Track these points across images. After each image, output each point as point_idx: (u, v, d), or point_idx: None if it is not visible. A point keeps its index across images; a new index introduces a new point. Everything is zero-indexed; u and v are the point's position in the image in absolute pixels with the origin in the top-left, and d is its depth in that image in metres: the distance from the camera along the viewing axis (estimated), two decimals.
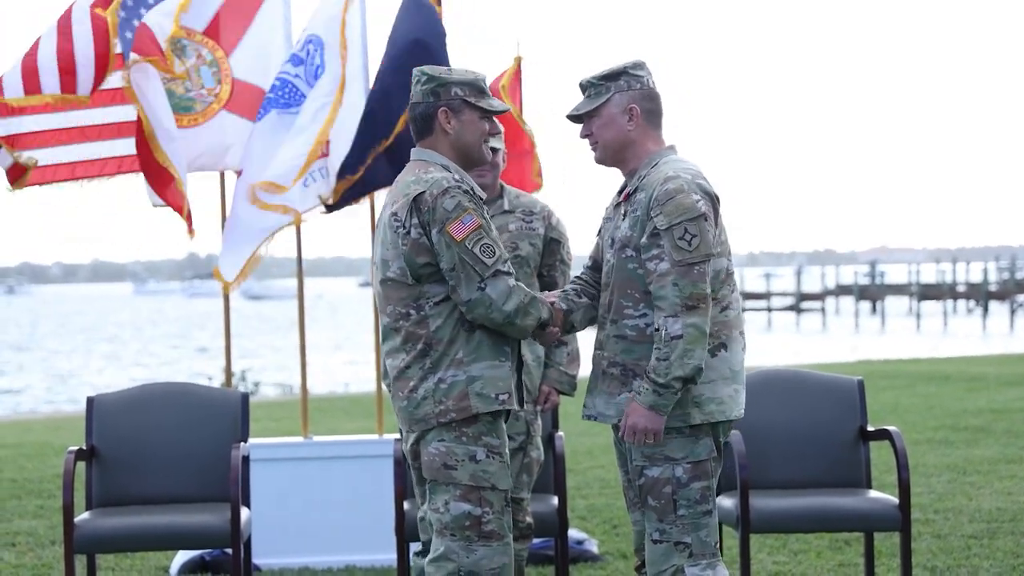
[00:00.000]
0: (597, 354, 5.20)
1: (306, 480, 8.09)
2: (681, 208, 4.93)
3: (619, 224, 5.14)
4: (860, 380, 6.94)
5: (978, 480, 10.38)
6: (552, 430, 6.96)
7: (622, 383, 5.09)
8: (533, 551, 7.70)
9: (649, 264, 4.97)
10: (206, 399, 6.96)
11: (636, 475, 5.11)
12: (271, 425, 14.95)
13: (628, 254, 5.06)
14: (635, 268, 5.05)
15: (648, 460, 5.05)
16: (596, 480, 10.90)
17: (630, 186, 5.14)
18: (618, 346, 5.10)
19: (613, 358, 5.11)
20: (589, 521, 9.18)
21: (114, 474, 6.73)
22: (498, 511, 5.08)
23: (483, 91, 5.20)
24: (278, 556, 8.04)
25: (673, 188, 4.96)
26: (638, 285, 5.04)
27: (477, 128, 5.20)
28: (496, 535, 5.06)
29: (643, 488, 5.08)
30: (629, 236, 5.06)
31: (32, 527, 9.20)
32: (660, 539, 5.07)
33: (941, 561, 7.73)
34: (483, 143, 5.22)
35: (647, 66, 5.22)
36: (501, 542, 5.07)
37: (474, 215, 4.98)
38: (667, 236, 4.92)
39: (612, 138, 5.17)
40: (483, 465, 5.04)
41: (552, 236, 6.58)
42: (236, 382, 22.04)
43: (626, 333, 5.08)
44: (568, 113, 5.25)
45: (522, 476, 6.45)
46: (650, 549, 5.10)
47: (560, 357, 6.55)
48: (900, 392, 17.22)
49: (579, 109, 5.22)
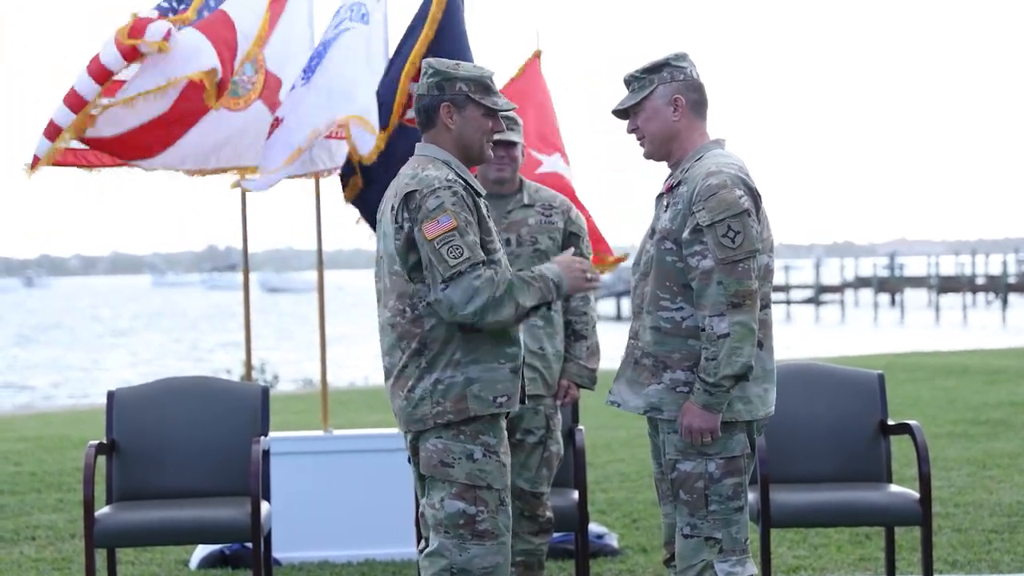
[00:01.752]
0: (632, 343, 5.18)
1: (326, 474, 8.09)
2: (724, 204, 4.92)
3: (660, 215, 5.13)
4: (880, 373, 6.92)
5: (998, 474, 10.35)
6: (572, 424, 6.95)
7: (652, 374, 5.08)
8: (553, 545, 7.69)
9: (691, 260, 4.96)
10: (226, 393, 6.96)
11: (669, 468, 5.10)
12: (290, 418, 14.96)
13: (668, 246, 5.04)
14: (674, 261, 5.03)
15: (681, 454, 5.05)
16: (616, 474, 10.89)
17: (673, 178, 5.13)
18: (652, 337, 5.08)
19: (647, 348, 5.10)
20: (609, 515, 9.17)
21: (134, 468, 6.74)
22: (493, 510, 5.05)
23: (488, 88, 5.14)
24: (298, 550, 8.04)
25: (716, 183, 4.94)
26: (676, 278, 5.03)
27: (480, 125, 5.14)
28: (490, 534, 5.04)
29: (675, 482, 5.08)
30: (669, 228, 5.04)
31: (52, 521, 9.22)
32: (691, 534, 5.06)
33: (962, 555, 7.71)
34: (486, 141, 5.16)
35: (690, 57, 5.18)
36: (495, 541, 5.05)
37: (451, 216, 4.94)
38: (710, 233, 4.92)
39: (658, 130, 5.14)
40: (480, 464, 5.03)
41: (571, 230, 6.58)
42: (255, 375, 22.06)
43: (661, 325, 5.06)
44: (613, 108, 5.22)
45: (542, 470, 6.44)
46: (680, 543, 5.09)
47: (580, 351, 6.55)
48: (920, 385, 17.18)
49: (624, 103, 5.19)
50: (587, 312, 6.59)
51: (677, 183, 5.08)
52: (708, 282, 4.90)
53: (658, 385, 5.06)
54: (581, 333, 6.56)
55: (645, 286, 5.13)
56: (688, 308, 5.01)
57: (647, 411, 5.09)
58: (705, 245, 4.92)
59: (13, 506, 9.78)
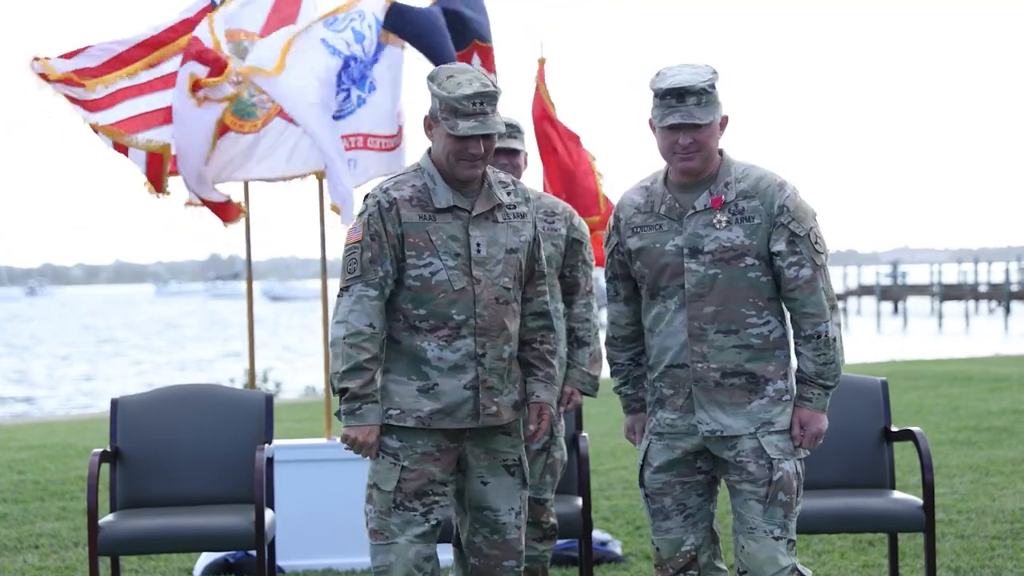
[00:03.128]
0: (701, 367, 5.09)
1: (329, 482, 8.09)
2: (806, 212, 5.05)
3: (713, 234, 5.05)
4: (884, 380, 6.93)
5: (1001, 481, 10.35)
6: (576, 431, 6.96)
7: (749, 392, 5.08)
8: (557, 552, 7.70)
9: (789, 272, 5.02)
10: (230, 401, 6.97)
11: (764, 471, 5.05)
12: (294, 426, 14.95)
13: (749, 263, 5.03)
14: (758, 276, 5.04)
15: (782, 454, 5.07)
16: (620, 481, 10.89)
17: (721, 194, 5.06)
18: (741, 356, 5.06)
19: (731, 369, 5.06)
20: (613, 522, 9.17)
21: (138, 476, 6.74)
22: (382, 511, 5.15)
23: (456, 111, 5.04)
24: (302, 558, 8.04)
25: (792, 192, 5.05)
26: (762, 293, 5.05)
27: (444, 145, 5.10)
28: (378, 534, 5.18)
29: (777, 483, 5.05)
30: (749, 244, 5.02)
31: (56, 529, 9.22)
32: (781, 535, 5.06)
33: (965, 562, 7.71)
34: (455, 161, 5.08)
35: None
36: (385, 542, 5.16)
37: (361, 229, 5.08)
38: (804, 242, 5.01)
39: (713, 148, 5.09)
40: (375, 464, 5.18)
41: (574, 237, 6.57)
42: (259, 383, 22.06)
43: (752, 342, 5.06)
44: (689, 121, 4.98)
45: (545, 477, 6.44)
46: (768, 546, 5.05)
47: (583, 358, 6.55)
48: (923, 393, 17.17)
49: (703, 119, 5.01)
50: (589, 319, 6.58)
51: (736, 197, 5.04)
52: (813, 290, 5.01)
53: (761, 400, 5.08)
54: (584, 340, 6.56)
55: (703, 307, 5.06)
56: (774, 321, 5.08)
57: (758, 428, 5.07)
58: (801, 255, 5.01)
59: (17, 514, 9.77)
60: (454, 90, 5.04)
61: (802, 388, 5.12)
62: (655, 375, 5.23)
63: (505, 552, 5.30)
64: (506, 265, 5.16)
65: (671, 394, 5.17)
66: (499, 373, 5.16)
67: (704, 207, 5.08)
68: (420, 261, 5.07)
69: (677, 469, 5.21)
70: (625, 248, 5.25)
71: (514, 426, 5.30)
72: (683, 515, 5.21)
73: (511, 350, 5.20)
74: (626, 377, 5.42)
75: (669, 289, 5.12)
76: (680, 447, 5.19)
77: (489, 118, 5.05)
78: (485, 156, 5.11)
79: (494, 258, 5.14)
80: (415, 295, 5.09)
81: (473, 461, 5.24)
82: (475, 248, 5.10)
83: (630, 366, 5.40)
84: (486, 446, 5.23)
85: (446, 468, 5.19)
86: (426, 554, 5.17)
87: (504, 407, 5.21)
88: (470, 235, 5.10)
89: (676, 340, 5.12)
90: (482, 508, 5.28)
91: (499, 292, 5.14)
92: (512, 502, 5.29)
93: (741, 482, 5.10)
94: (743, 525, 5.10)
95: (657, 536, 5.27)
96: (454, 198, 5.13)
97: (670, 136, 5.04)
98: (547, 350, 5.35)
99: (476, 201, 5.15)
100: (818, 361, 5.06)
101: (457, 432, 5.17)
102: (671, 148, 5.05)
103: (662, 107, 5.04)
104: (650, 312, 5.21)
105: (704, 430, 5.11)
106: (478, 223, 5.13)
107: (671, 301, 5.12)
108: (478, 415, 5.14)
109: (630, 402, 5.44)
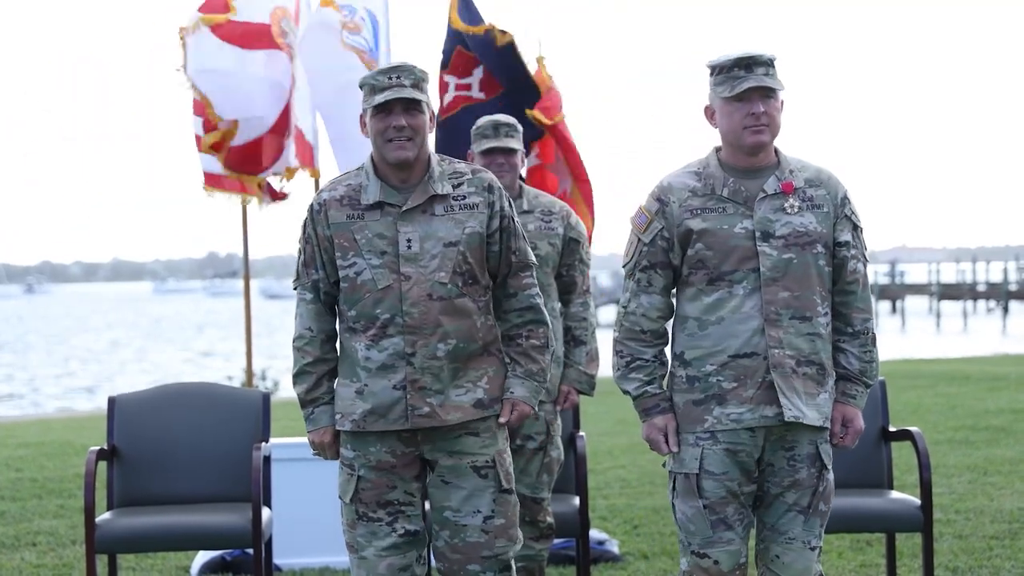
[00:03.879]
0: (778, 353, 4.85)
1: (327, 480, 8.05)
2: (856, 207, 5.01)
3: (785, 219, 4.89)
4: (882, 380, 6.91)
5: (999, 480, 10.34)
6: (573, 430, 6.95)
7: (818, 383, 4.92)
8: (554, 551, 7.69)
9: (850, 264, 4.94)
10: (227, 399, 6.96)
11: (812, 479, 4.95)
12: (291, 425, 14.94)
13: (819, 250, 4.90)
14: (824, 266, 4.92)
15: (829, 460, 4.99)
16: (617, 480, 10.89)
17: (790, 179, 4.92)
18: (813, 345, 4.89)
19: (805, 357, 4.89)
20: (610, 521, 9.16)
21: (135, 474, 6.74)
22: (349, 523, 5.08)
23: (374, 87, 4.97)
24: (299, 556, 8.03)
25: (845, 186, 5.00)
26: (825, 283, 4.93)
27: (372, 131, 5.01)
28: (350, 547, 5.10)
29: (822, 493, 4.97)
30: (820, 232, 4.90)
31: (53, 527, 9.21)
32: (816, 545, 4.97)
33: (963, 562, 7.70)
34: (384, 144, 4.96)
35: None
36: (355, 555, 5.07)
37: (302, 236, 5.11)
38: (860, 237, 4.99)
39: (779, 126, 4.94)
40: (339, 476, 5.12)
41: (571, 236, 6.57)
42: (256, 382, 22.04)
43: (820, 331, 4.91)
44: (764, 84, 4.84)
45: (542, 476, 6.44)
46: (805, 556, 4.96)
47: (579, 357, 6.54)
48: (921, 392, 17.16)
49: (775, 84, 4.88)
50: (586, 318, 6.58)
51: (803, 184, 4.93)
52: (865, 285, 4.98)
53: (825, 393, 4.94)
54: (580, 339, 6.56)
55: (778, 292, 4.86)
56: (830, 313, 4.96)
57: (823, 423, 4.94)
58: (858, 249, 4.97)
59: (14, 512, 9.77)
60: (370, 72, 5.06)
61: (846, 385, 4.99)
62: (710, 368, 4.89)
63: (467, 555, 5.03)
64: (443, 259, 4.94)
65: (735, 387, 4.87)
66: (433, 372, 4.94)
67: (775, 191, 4.91)
68: (345, 262, 4.98)
69: (739, 478, 4.92)
70: (680, 230, 4.93)
71: (484, 426, 5.04)
72: (743, 525, 4.97)
73: (449, 348, 4.94)
74: (651, 375, 5.00)
75: (738, 273, 4.87)
76: (742, 450, 4.90)
77: (407, 89, 4.93)
78: (414, 135, 4.95)
79: (428, 253, 4.94)
80: (346, 296, 5.01)
81: (434, 464, 5.05)
82: (404, 244, 4.94)
83: (654, 363, 5.03)
84: (448, 448, 5.01)
85: (406, 475, 5.03)
86: (400, 565, 5.02)
87: (446, 407, 4.96)
88: (399, 231, 4.95)
89: (745, 327, 4.85)
90: (441, 509, 5.04)
91: (433, 288, 4.94)
92: (478, 504, 5.02)
93: (786, 490, 4.94)
94: (780, 535, 4.97)
95: (717, 548, 4.93)
96: (383, 194, 4.97)
97: (741, 108, 4.86)
98: (532, 345, 5.12)
99: (410, 196, 5.00)
100: (864, 359, 4.98)
101: (409, 436, 5.00)
102: (741, 121, 4.86)
103: (730, 79, 4.86)
104: (703, 300, 4.92)
105: (790, 416, 4.83)
106: (410, 217, 4.96)
107: (739, 286, 4.87)
108: (408, 416, 4.95)
109: (658, 402, 4.99)
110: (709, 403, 4.91)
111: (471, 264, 4.99)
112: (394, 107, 4.94)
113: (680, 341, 4.99)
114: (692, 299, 4.95)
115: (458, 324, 4.96)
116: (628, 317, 5.04)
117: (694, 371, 4.94)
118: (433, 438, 5.01)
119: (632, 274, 5.04)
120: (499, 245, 5.06)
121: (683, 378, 4.97)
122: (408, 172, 5.00)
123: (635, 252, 5.03)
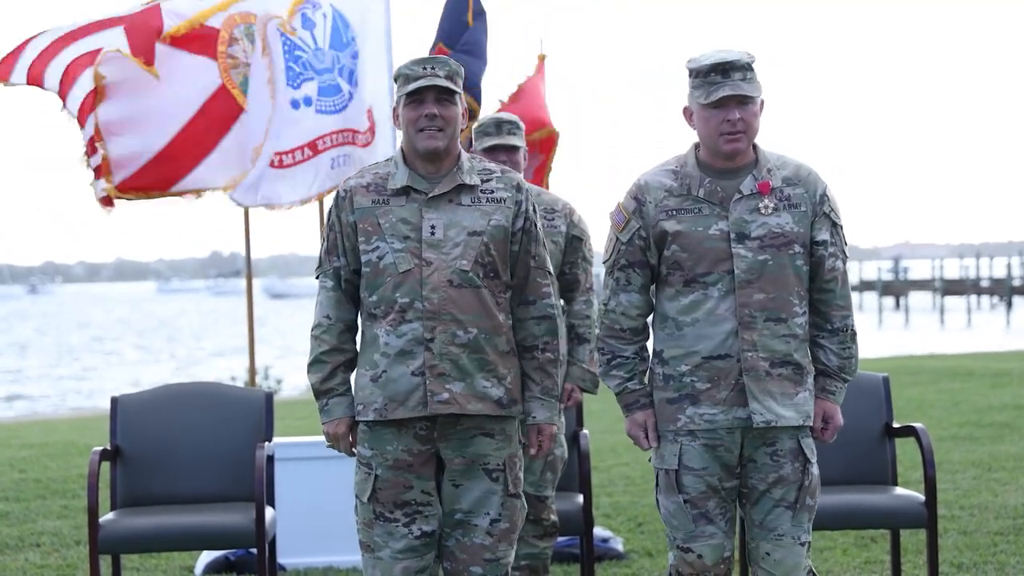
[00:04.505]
0: (751, 356, 4.89)
1: (330, 479, 8.06)
2: (837, 204, 5.02)
3: (760, 219, 4.90)
4: (885, 376, 6.91)
5: (1004, 476, 10.34)
6: (577, 428, 6.95)
7: (795, 383, 4.94)
8: (558, 549, 7.69)
9: (828, 262, 4.96)
10: (230, 398, 6.95)
11: (797, 474, 4.96)
12: (294, 424, 14.95)
13: (796, 250, 4.91)
14: (802, 265, 4.93)
15: (814, 456, 5.01)
16: (621, 478, 10.88)
17: (767, 178, 4.92)
18: (789, 346, 4.92)
19: (780, 358, 4.91)
20: (614, 519, 9.16)
21: (139, 474, 6.73)
22: (365, 523, 5.06)
23: (408, 77, 4.98)
24: (303, 555, 8.03)
25: (824, 183, 5.00)
26: (803, 282, 4.95)
27: (404, 120, 5.02)
28: (365, 546, 5.08)
29: (807, 488, 4.98)
30: (797, 232, 4.91)
31: (57, 527, 9.21)
32: (805, 540, 4.98)
33: (967, 558, 7.70)
34: (416, 133, 4.96)
35: None
36: (371, 554, 5.05)
37: (327, 226, 5.10)
38: (839, 234, 5.00)
39: (757, 130, 4.92)
40: (355, 475, 5.11)
41: (574, 234, 6.56)
42: (259, 381, 22.04)
43: (797, 332, 4.93)
44: (739, 92, 4.81)
45: (546, 474, 6.43)
46: (794, 552, 4.96)
47: (583, 355, 6.54)
48: (925, 388, 17.16)
49: (752, 92, 4.85)
50: (589, 316, 6.57)
51: (781, 184, 4.93)
52: (844, 282, 5.01)
53: (804, 392, 4.97)
54: (584, 336, 6.55)
55: (753, 294, 4.88)
56: (807, 312, 4.99)
57: (804, 421, 4.96)
58: (837, 246, 4.98)
59: (18, 513, 9.77)
60: (405, 63, 5.05)
61: (825, 382, 5.03)
62: (684, 368, 4.94)
63: (472, 556, 5.02)
64: (466, 248, 4.92)
65: (708, 388, 4.91)
66: (452, 359, 4.90)
67: (751, 192, 4.91)
68: (369, 246, 4.96)
69: (719, 473, 4.97)
70: (656, 231, 4.96)
71: (499, 428, 5.01)
72: (725, 519, 4.99)
73: (470, 336, 4.91)
74: (632, 371, 5.05)
75: (713, 275, 4.90)
76: (720, 445, 4.94)
77: (440, 79, 4.94)
78: (445, 125, 4.96)
79: (451, 240, 4.92)
80: (368, 282, 4.98)
81: (448, 464, 5.02)
82: (428, 230, 4.92)
83: (635, 360, 5.07)
84: (463, 450, 4.99)
85: (423, 475, 5.00)
86: (416, 568, 5.00)
87: (466, 396, 4.92)
88: (424, 216, 4.94)
89: (719, 329, 4.89)
90: (452, 511, 5.04)
91: (453, 275, 4.91)
92: (488, 507, 5.01)
93: (772, 486, 4.95)
94: (768, 532, 4.96)
95: (699, 543, 4.96)
96: (411, 179, 4.97)
97: (717, 114, 4.85)
98: (548, 359, 5.08)
99: (438, 184, 4.99)
100: (842, 355, 5.02)
101: (426, 434, 4.97)
102: (717, 128, 4.86)
103: (707, 84, 4.85)
104: (680, 301, 4.95)
105: (759, 420, 4.87)
106: (436, 204, 4.95)
107: (714, 288, 4.90)
108: (427, 403, 4.91)
109: (638, 398, 5.06)
110: (683, 402, 4.96)
111: (493, 256, 4.98)
112: (426, 96, 4.96)
113: (659, 339, 5.05)
114: (671, 299, 5.00)
115: (478, 314, 4.94)
116: (608, 315, 5.09)
117: (670, 370, 5.00)
118: (449, 435, 4.98)
119: (611, 272, 5.09)
120: (519, 246, 5.04)
121: (660, 376, 5.04)
122: (438, 163, 5.01)
123: (614, 251, 5.08)
